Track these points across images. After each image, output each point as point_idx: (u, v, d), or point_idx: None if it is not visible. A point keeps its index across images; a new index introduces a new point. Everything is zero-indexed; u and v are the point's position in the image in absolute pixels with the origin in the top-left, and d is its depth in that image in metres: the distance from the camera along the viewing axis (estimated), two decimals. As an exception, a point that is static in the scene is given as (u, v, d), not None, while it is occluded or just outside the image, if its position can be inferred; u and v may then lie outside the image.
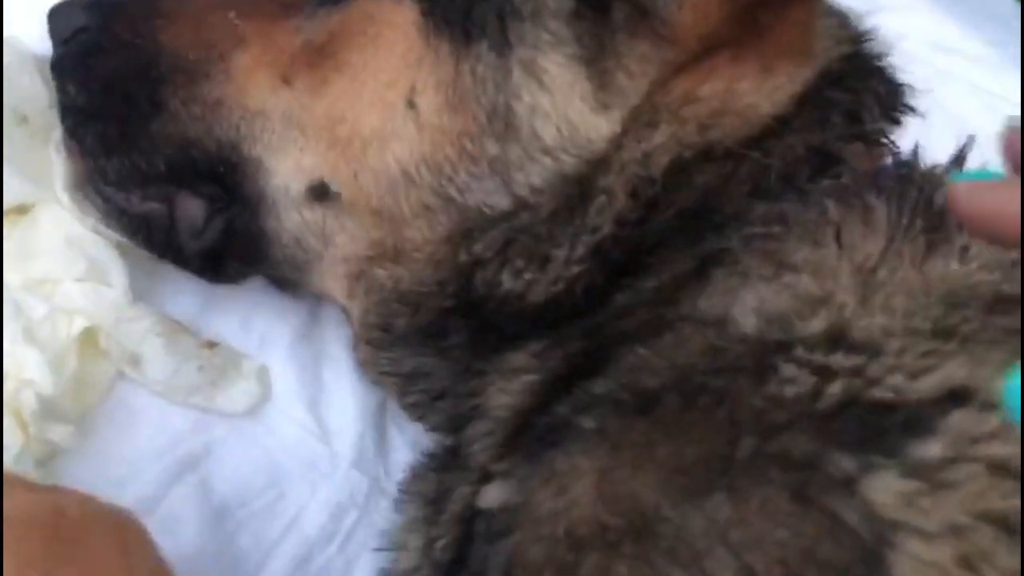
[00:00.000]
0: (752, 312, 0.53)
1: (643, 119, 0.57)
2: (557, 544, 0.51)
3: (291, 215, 0.65)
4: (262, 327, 0.76)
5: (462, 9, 0.59)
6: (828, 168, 0.59)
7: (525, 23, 0.57)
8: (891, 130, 0.66)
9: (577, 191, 0.58)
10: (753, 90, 0.58)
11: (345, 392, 0.75)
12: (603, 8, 0.57)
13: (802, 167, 0.59)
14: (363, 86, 0.60)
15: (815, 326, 0.52)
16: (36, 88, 0.71)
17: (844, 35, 0.64)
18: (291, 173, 0.64)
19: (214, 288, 0.74)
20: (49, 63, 0.69)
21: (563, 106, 0.57)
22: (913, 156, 0.63)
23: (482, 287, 0.60)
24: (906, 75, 0.69)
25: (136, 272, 0.73)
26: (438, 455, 0.67)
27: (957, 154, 0.62)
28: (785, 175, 0.59)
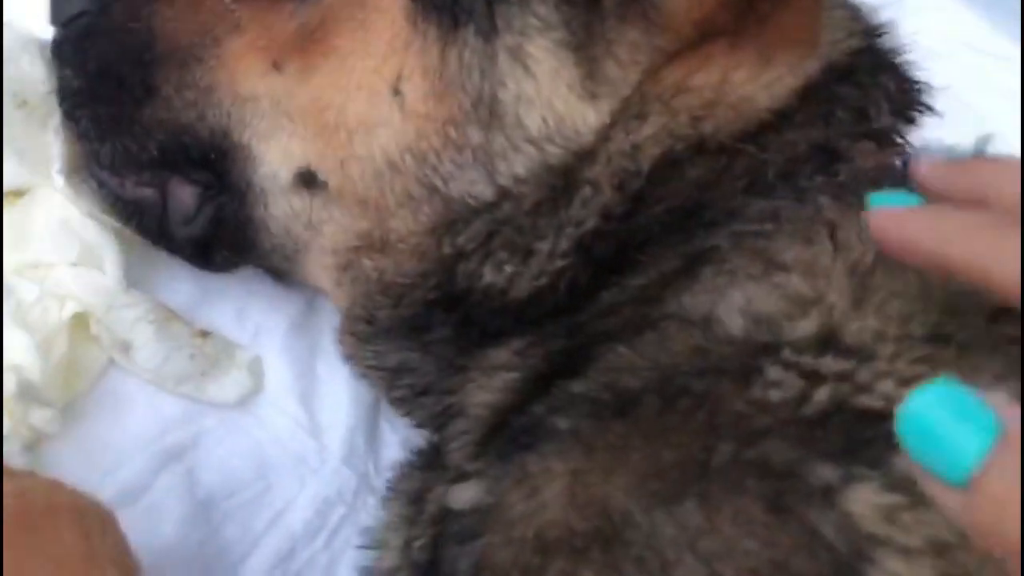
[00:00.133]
0: (739, 312, 0.51)
1: (633, 109, 0.55)
2: (524, 547, 0.49)
3: (279, 203, 0.63)
4: (257, 317, 0.75)
5: None
6: (833, 166, 0.57)
7: (512, 7, 0.54)
8: (905, 129, 0.63)
9: (562, 183, 0.55)
10: (750, 81, 0.55)
11: (338, 386, 0.74)
12: None
13: (804, 164, 0.57)
14: (350, 72, 0.58)
15: (805, 328, 0.50)
16: (37, 72, 0.70)
17: (855, 28, 0.61)
18: (279, 160, 0.62)
19: (210, 277, 0.73)
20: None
21: (549, 94, 0.55)
22: (919, 155, 0.60)
23: (464, 280, 0.58)
24: (928, 73, 0.66)
25: (132, 259, 0.72)
26: (424, 452, 0.65)
27: (974, 153, 0.59)
28: (785, 172, 0.56)
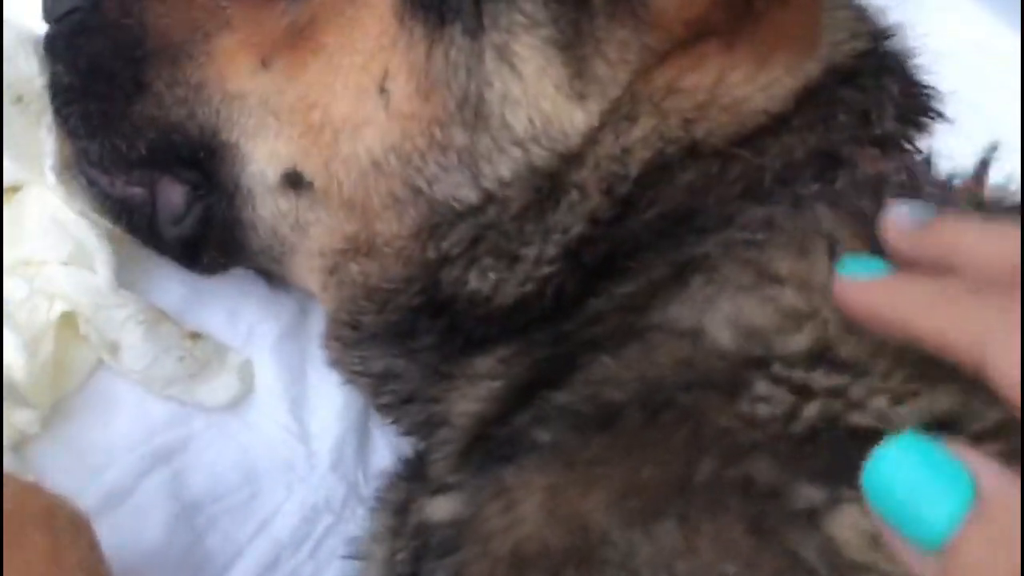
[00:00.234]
0: (727, 324, 0.48)
1: (622, 111, 0.53)
2: (499, 563, 0.47)
3: (266, 204, 0.62)
4: (250, 320, 0.74)
5: None
6: (832, 173, 0.54)
7: (500, 4, 0.53)
8: (913, 134, 0.61)
9: (548, 186, 0.54)
10: (745, 82, 0.53)
11: (330, 393, 0.72)
12: None
13: (803, 170, 0.54)
14: (337, 70, 0.57)
15: (798, 342, 0.47)
16: (33, 68, 0.70)
17: (860, 30, 0.59)
18: (266, 160, 0.61)
19: (203, 279, 0.72)
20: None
21: (536, 94, 0.53)
22: (926, 164, 0.57)
23: (449, 286, 0.56)
24: (939, 77, 0.63)
25: (125, 259, 0.71)
26: (410, 462, 0.63)
27: (980, 163, 0.57)
28: (782, 177, 0.54)
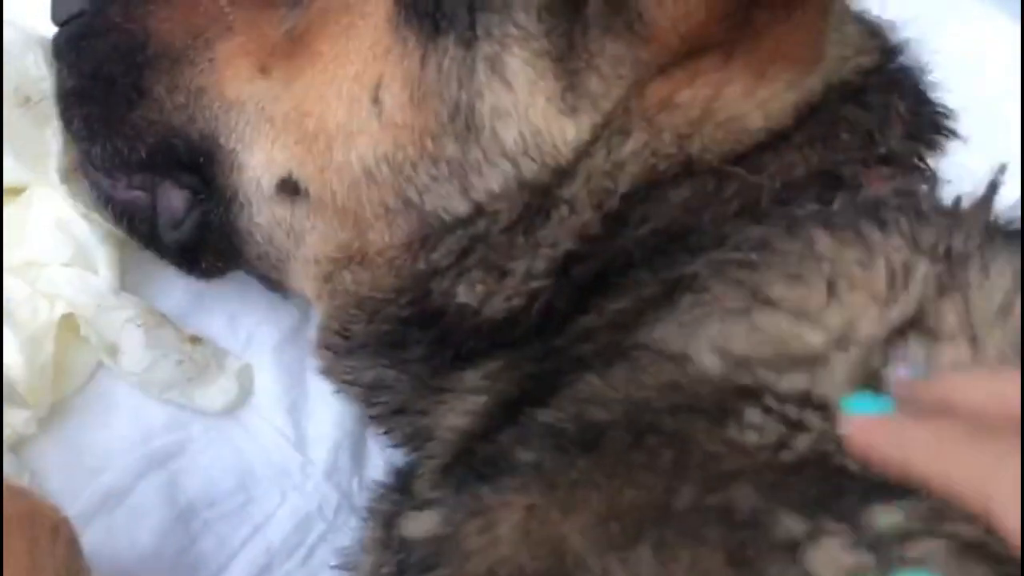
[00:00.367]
0: (712, 350, 0.47)
1: (615, 126, 0.52)
2: (475, 584, 0.46)
3: (263, 211, 0.62)
4: (250, 325, 0.74)
5: None
6: (832, 193, 0.53)
7: (494, 15, 0.52)
8: (924, 153, 0.59)
9: (538, 200, 0.53)
10: (743, 98, 0.52)
11: (327, 400, 0.72)
12: (577, 1, 0.52)
13: (803, 189, 0.53)
14: (332, 78, 0.57)
15: (794, 382, 0.46)
16: (41, 71, 0.70)
17: (868, 46, 0.57)
18: (262, 167, 0.61)
19: (205, 284, 0.72)
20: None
21: (527, 106, 0.52)
22: (930, 186, 0.56)
23: (439, 297, 0.56)
24: (951, 93, 0.62)
25: (127, 262, 0.72)
26: (400, 473, 0.63)
27: (989, 185, 0.55)
28: (781, 197, 0.53)
